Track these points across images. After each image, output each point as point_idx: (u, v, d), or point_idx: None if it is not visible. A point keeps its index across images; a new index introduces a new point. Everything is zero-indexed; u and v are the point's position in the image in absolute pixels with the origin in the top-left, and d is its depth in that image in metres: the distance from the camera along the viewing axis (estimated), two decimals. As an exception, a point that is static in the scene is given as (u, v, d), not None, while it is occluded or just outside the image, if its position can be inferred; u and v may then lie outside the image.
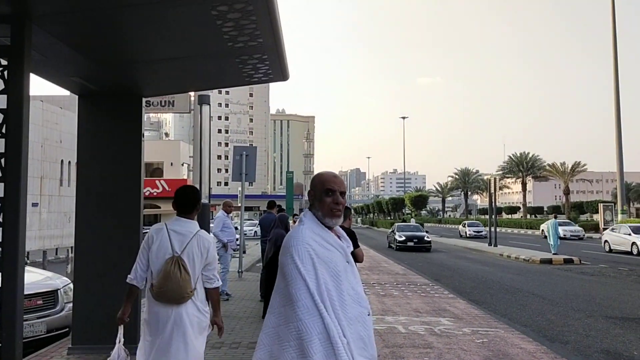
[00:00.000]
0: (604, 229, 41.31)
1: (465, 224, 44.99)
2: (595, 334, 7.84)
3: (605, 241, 25.43)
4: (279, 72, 5.06)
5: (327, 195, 2.23)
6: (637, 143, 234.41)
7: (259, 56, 4.49)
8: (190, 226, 3.63)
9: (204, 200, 6.71)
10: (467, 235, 41.92)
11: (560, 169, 57.14)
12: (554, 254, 21.76)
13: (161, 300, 3.48)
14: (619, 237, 24.41)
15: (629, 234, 23.68)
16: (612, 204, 44.59)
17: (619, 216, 42.64)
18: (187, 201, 3.64)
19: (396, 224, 31.21)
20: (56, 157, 30.45)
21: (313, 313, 1.95)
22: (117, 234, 4.93)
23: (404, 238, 27.20)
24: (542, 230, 40.19)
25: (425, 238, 27.18)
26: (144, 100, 5.25)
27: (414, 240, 26.96)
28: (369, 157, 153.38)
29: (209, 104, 7.02)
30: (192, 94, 11.63)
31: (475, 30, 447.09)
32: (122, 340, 3.61)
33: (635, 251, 22.95)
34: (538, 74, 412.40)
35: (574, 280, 14.72)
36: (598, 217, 46.16)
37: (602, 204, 43.40)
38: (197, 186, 6.91)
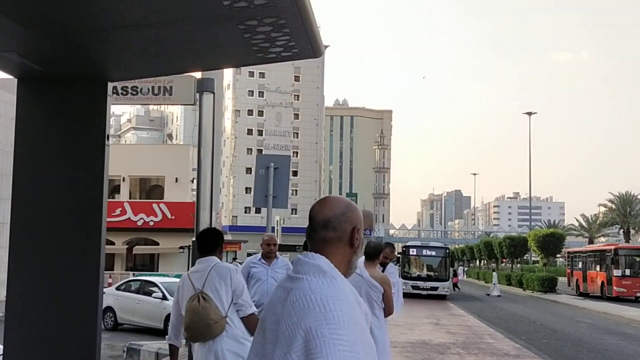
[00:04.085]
0: None
1: None
2: None
3: None
4: (307, 45, 5.16)
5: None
6: None
7: (272, 21, 4.59)
8: (209, 261, 5.05)
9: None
10: None
11: None
12: None
13: (194, 339, 4.93)
14: None
15: None
16: None
17: None
18: (207, 240, 5.13)
19: None
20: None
21: None
22: (67, 281, 5.12)
23: None
24: None
25: None
26: (110, 85, 5.46)
27: None
28: (475, 174, 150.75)
29: (214, 92, 7.15)
30: (199, 76, 11.96)
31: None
32: None
33: None
34: None
35: None
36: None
37: None
38: (195, 210, 7.07)
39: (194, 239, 6.92)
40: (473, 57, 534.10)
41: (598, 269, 43.05)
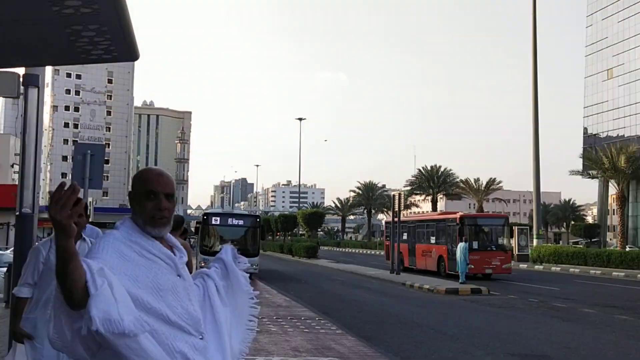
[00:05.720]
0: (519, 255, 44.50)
1: None
2: (494, 373, 8.42)
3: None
4: (126, 50, 4.96)
5: (147, 199, 2.25)
6: (557, 160, 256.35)
7: (96, 27, 4.37)
8: None
9: (27, 209, 6.34)
10: None
11: (474, 186, 60.99)
12: (461, 282, 23.12)
13: None
14: None
15: None
16: (528, 228, 48.20)
17: (534, 241, 46.29)
18: None
19: None
20: None
21: None
22: None
23: None
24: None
25: None
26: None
27: None
28: (257, 165, 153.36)
29: (38, 87, 6.69)
30: (23, 72, 11.03)
31: (378, 26, 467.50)
32: None
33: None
34: (454, 80, 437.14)
35: (479, 313, 15.73)
36: (512, 242, 48.62)
37: (516, 227, 46.44)
38: (19, 192, 6.54)
39: (18, 213, 6.41)
40: (259, 69, 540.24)
41: (434, 241, 30.99)
